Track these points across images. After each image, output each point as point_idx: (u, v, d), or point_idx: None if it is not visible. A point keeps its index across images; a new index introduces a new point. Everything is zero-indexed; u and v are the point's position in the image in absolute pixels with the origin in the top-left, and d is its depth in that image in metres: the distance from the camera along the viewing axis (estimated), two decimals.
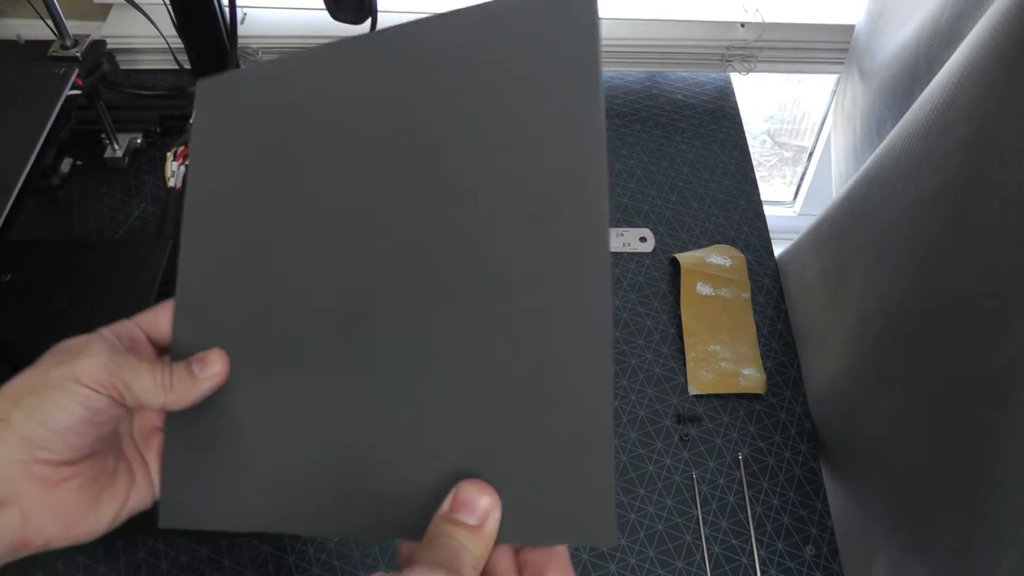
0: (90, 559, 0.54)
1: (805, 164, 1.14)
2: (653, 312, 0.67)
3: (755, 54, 0.84)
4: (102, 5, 0.84)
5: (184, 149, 0.66)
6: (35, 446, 0.29)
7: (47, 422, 0.29)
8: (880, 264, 0.53)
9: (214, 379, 0.33)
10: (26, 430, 0.29)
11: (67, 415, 0.30)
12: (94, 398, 0.30)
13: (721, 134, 0.81)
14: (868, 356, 0.56)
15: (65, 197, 0.74)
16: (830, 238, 0.61)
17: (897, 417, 0.53)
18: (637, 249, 0.71)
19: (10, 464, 0.29)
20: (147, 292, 0.60)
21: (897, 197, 0.50)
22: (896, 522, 0.54)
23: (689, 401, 0.62)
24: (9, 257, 0.60)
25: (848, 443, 0.59)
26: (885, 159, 0.51)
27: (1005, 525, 0.42)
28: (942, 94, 0.44)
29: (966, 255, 0.43)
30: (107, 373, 0.30)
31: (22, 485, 0.29)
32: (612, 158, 0.78)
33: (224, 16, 0.69)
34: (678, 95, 0.85)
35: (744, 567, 0.55)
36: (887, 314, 0.52)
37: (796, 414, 0.62)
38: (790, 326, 0.67)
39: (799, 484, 0.59)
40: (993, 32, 0.39)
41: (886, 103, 0.65)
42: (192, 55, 0.74)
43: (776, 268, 0.71)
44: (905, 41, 0.61)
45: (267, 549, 0.55)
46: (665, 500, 0.58)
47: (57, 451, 0.30)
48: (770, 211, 0.77)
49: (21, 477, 0.29)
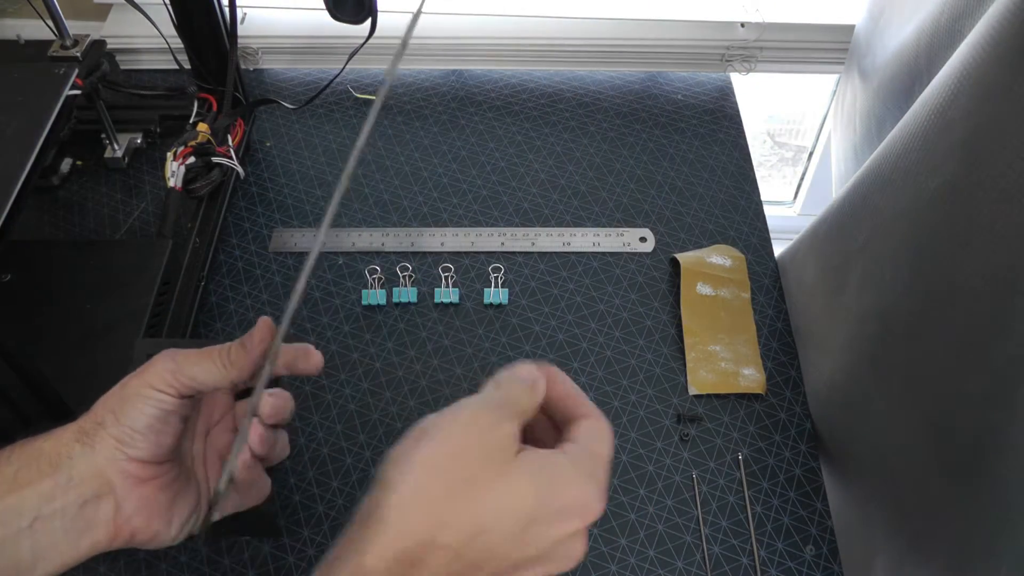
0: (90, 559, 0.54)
1: (805, 164, 1.14)
2: (653, 312, 0.67)
3: (755, 54, 0.84)
4: (102, 5, 0.84)
5: (184, 149, 0.66)
6: (125, 444, 0.36)
7: (131, 423, 0.36)
8: (880, 264, 0.53)
9: (262, 344, 0.38)
10: (116, 431, 0.36)
11: (144, 416, 0.36)
12: (165, 399, 0.36)
13: (721, 134, 0.81)
14: (868, 356, 0.56)
15: (65, 197, 0.74)
16: (830, 238, 0.61)
17: (897, 417, 0.53)
18: (637, 249, 0.71)
19: (107, 461, 0.35)
20: (147, 292, 0.60)
21: (897, 197, 0.50)
22: (896, 522, 0.54)
23: (689, 401, 0.62)
24: (9, 257, 0.60)
25: (848, 443, 0.59)
26: (885, 159, 0.51)
27: (1005, 525, 0.42)
28: (942, 94, 0.44)
29: (966, 255, 0.43)
30: (171, 375, 0.36)
31: (116, 480, 0.36)
32: (612, 158, 0.78)
33: (224, 16, 0.69)
34: (678, 95, 0.85)
35: (744, 567, 0.55)
36: (887, 314, 0.52)
37: (796, 414, 0.62)
38: (790, 326, 0.67)
39: (799, 484, 0.59)
40: (993, 32, 0.39)
41: (886, 103, 0.65)
42: (192, 55, 0.74)
43: (776, 268, 0.71)
44: (905, 41, 0.61)
45: (267, 549, 0.55)
46: (665, 500, 0.58)
47: (142, 449, 0.36)
48: (770, 211, 0.77)
49: (115, 473, 0.36)
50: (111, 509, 0.36)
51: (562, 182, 0.77)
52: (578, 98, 0.85)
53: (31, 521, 0.34)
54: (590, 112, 0.83)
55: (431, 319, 0.67)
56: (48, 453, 0.35)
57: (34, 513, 0.34)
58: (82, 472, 0.35)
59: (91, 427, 0.36)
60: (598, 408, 0.35)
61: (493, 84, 0.86)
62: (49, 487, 0.34)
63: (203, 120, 0.70)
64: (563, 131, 0.81)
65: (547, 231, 0.72)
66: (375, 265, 0.69)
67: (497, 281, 0.68)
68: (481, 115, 0.83)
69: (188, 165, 0.66)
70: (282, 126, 0.81)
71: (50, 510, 0.34)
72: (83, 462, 0.35)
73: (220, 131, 0.70)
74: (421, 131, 0.81)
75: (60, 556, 0.35)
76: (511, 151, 0.80)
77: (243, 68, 0.85)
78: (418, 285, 0.68)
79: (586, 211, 0.74)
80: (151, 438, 0.36)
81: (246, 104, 0.76)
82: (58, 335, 0.58)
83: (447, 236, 0.72)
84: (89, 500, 0.35)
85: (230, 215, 0.74)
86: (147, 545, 0.38)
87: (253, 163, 0.78)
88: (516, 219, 0.74)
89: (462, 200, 0.75)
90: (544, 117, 0.83)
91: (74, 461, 0.35)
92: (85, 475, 0.35)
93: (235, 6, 0.66)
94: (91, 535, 0.36)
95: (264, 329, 0.39)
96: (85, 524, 0.35)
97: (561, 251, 0.71)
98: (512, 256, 0.71)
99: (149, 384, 0.36)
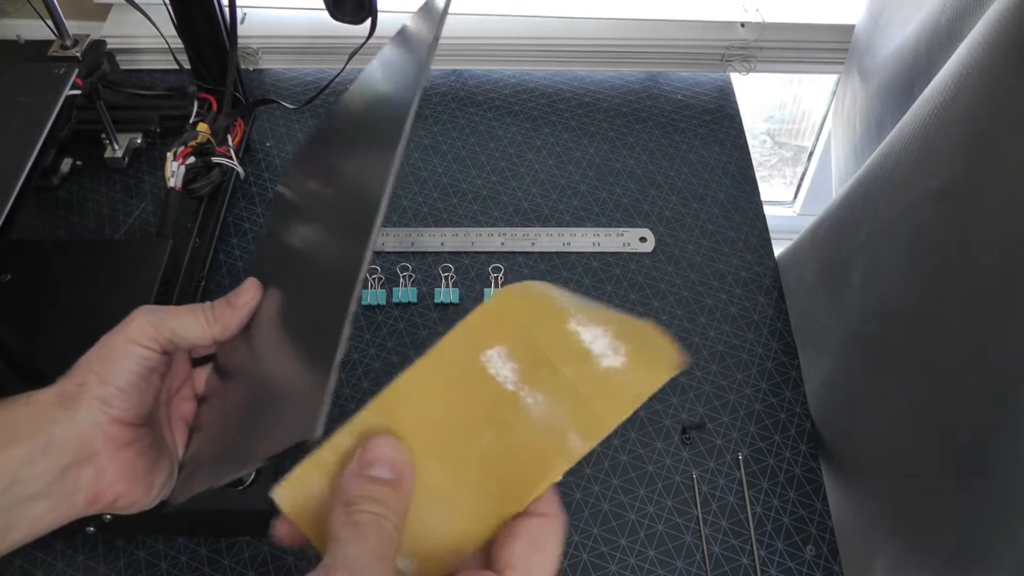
0: (90, 559, 0.55)
1: (805, 164, 1.14)
2: (653, 312, 0.67)
3: (755, 54, 0.84)
4: (102, 5, 0.84)
5: (184, 149, 0.66)
6: (109, 406, 0.35)
7: (116, 381, 0.35)
8: (880, 264, 0.53)
9: (250, 303, 0.38)
10: (100, 391, 0.35)
11: (129, 373, 0.35)
12: (148, 355, 0.36)
13: (721, 134, 0.81)
14: (868, 356, 0.56)
15: (65, 197, 0.74)
16: (830, 238, 0.61)
17: (897, 417, 0.53)
18: (637, 249, 0.71)
19: (90, 425, 0.34)
20: (147, 292, 0.60)
21: (897, 197, 0.50)
22: (896, 522, 0.54)
23: (689, 401, 0.62)
24: (9, 257, 0.60)
25: (848, 443, 0.59)
26: (885, 159, 0.51)
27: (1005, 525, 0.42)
28: (942, 94, 0.44)
29: (966, 255, 0.43)
30: (153, 329, 0.36)
31: (98, 444, 0.35)
32: (612, 158, 0.78)
33: (224, 16, 0.69)
34: (678, 95, 0.85)
35: (744, 567, 0.55)
36: (887, 314, 0.52)
37: (796, 414, 0.62)
38: (790, 326, 0.67)
39: (799, 484, 0.59)
40: (993, 32, 0.39)
41: (886, 103, 0.65)
42: (192, 55, 0.74)
43: (776, 268, 0.71)
44: (905, 41, 0.61)
45: (267, 549, 0.55)
46: (665, 500, 0.58)
47: (127, 409, 0.35)
48: (770, 211, 0.77)
49: (98, 437, 0.35)
50: (92, 474, 0.35)
51: (562, 182, 0.77)
52: (578, 98, 0.85)
53: (7, 485, 0.33)
54: (590, 112, 0.83)
55: (431, 319, 0.67)
56: (27, 417, 0.34)
57: (10, 477, 0.33)
58: (63, 436, 0.34)
59: (73, 390, 0.35)
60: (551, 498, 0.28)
61: (493, 84, 0.86)
62: (27, 451, 0.33)
63: (203, 120, 0.70)
64: (563, 131, 0.81)
65: (547, 231, 0.72)
66: (375, 265, 0.69)
67: (497, 281, 0.68)
68: (481, 115, 0.83)
69: (188, 165, 0.66)
70: (282, 126, 0.81)
71: (28, 474, 0.33)
72: (64, 426, 0.34)
73: (220, 131, 0.70)
74: (421, 131, 0.81)
75: (37, 521, 0.34)
76: (511, 151, 0.80)
77: (243, 68, 0.85)
78: (418, 285, 0.68)
79: (586, 211, 0.74)
80: (135, 397, 0.36)
81: (246, 104, 0.76)
82: (58, 335, 0.58)
83: (447, 236, 0.72)
84: (70, 465, 0.34)
85: (230, 215, 0.74)
86: (125, 511, 0.37)
87: (253, 163, 0.78)
88: (516, 219, 0.74)
89: (462, 200, 0.75)
90: (544, 117, 0.83)
91: (55, 426, 0.34)
92: (66, 439, 0.34)
93: (235, 6, 0.66)
94: (69, 500, 0.35)
95: (252, 288, 0.38)
96: (64, 490, 0.34)
97: (561, 251, 0.71)
98: (512, 256, 0.71)
99: (132, 340, 0.36)
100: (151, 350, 0.36)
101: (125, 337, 0.36)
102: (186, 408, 0.41)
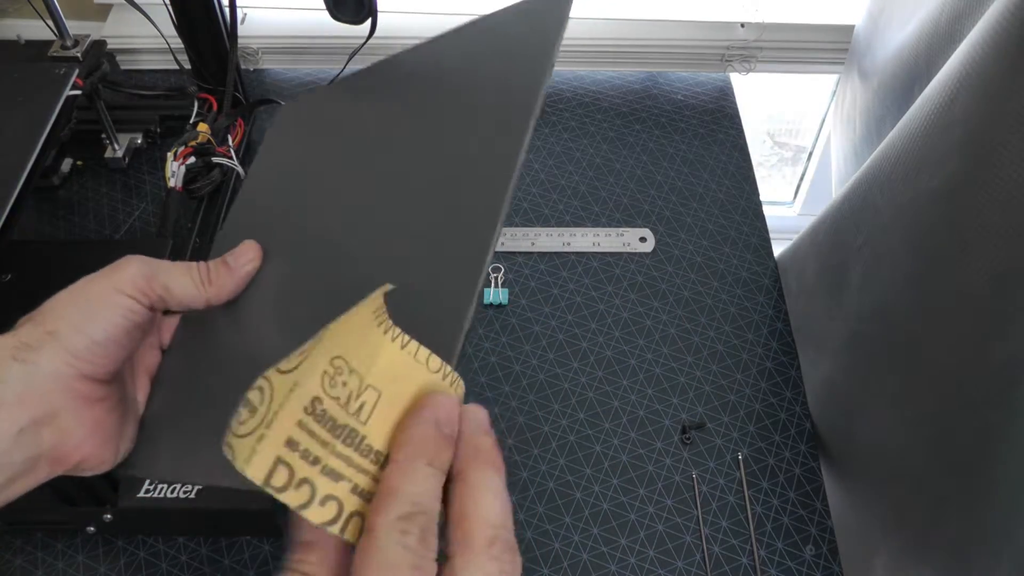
0: (90, 559, 0.55)
1: (805, 164, 1.14)
2: (653, 312, 0.67)
3: (755, 54, 0.84)
4: (102, 5, 0.84)
5: (184, 149, 0.66)
6: (80, 359, 0.30)
7: (93, 333, 0.31)
8: (880, 264, 0.53)
9: (248, 265, 0.35)
10: (73, 342, 0.30)
11: (111, 326, 0.31)
12: (136, 308, 0.32)
13: (721, 134, 0.81)
14: (868, 356, 0.56)
15: (65, 197, 0.74)
16: (830, 238, 0.61)
17: (897, 417, 0.53)
18: (637, 249, 0.71)
19: (54, 378, 0.30)
20: None
21: (897, 197, 0.50)
22: (896, 522, 0.54)
23: (689, 401, 0.62)
24: (9, 257, 0.60)
25: (848, 443, 0.59)
26: (885, 159, 0.51)
27: (1005, 525, 0.43)
28: (942, 94, 0.44)
29: (965, 255, 0.43)
30: (145, 281, 0.32)
31: (63, 402, 0.30)
32: (612, 158, 0.78)
33: (224, 16, 0.69)
34: (678, 95, 0.85)
35: (744, 567, 0.55)
36: (886, 313, 0.52)
37: (796, 414, 0.62)
38: (790, 326, 0.67)
39: (799, 484, 0.59)
40: (993, 32, 0.39)
41: (886, 103, 0.65)
42: (192, 55, 0.74)
43: (776, 268, 0.71)
44: (905, 41, 0.61)
45: (267, 549, 0.55)
46: (665, 500, 0.58)
47: (100, 364, 0.31)
48: (770, 211, 0.77)
49: (62, 393, 0.30)
50: (55, 435, 0.30)
51: (562, 182, 0.77)
52: (578, 98, 0.85)
53: None
54: (590, 112, 0.83)
55: None
56: None
57: None
58: (18, 393, 0.29)
59: (37, 340, 0.30)
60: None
61: None
62: None
63: (203, 120, 0.70)
64: (563, 131, 0.81)
65: (547, 231, 0.72)
66: None
67: (497, 281, 0.68)
68: None
69: (188, 165, 0.66)
70: None
71: None
72: (20, 382, 0.29)
73: (220, 131, 0.70)
74: None
75: None
76: None
77: (243, 68, 0.85)
78: None
79: (586, 211, 0.74)
80: (111, 352, 0.31)
81: (246, 104, 0.76)
82: None
83: None
84: (27, 427, 0.29)
85: None
86: (90, 472, 0.32)
87: None
88: (516, 219, 0.74)
89: None
90: (544, 117, 0.83)
91: (8, 382, 0.29)
92: (23, 396, 0.29)
93: (235, 6, 0.66)
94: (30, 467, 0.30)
95: (251, 250, 0.36)
96: (23, 453, 0.29)
97: (561, 251, 0.71)
98: (512, 256, 0.71)
99: (119, 289, 0.31)
100: (140, 303, 0.32)
101: (112, 285, 0.31)
102: (150, 359, 0.37)
